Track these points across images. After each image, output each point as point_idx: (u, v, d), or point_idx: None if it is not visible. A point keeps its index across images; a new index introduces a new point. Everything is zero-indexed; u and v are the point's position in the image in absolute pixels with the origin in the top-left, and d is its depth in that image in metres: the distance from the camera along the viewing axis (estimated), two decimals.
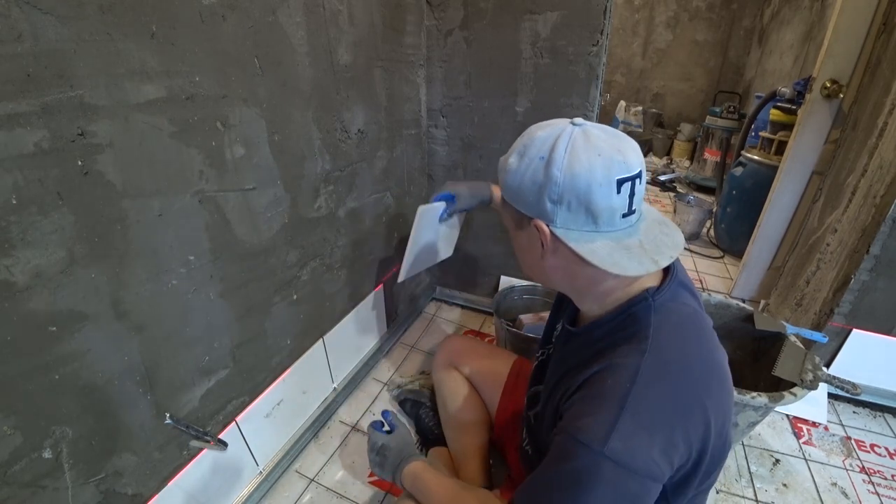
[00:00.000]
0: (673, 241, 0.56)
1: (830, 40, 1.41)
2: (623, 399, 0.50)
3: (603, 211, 0.52)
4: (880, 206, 1.15)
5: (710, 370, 0.55)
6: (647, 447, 0.49)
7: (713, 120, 3.20)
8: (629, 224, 0.55)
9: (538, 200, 0.54)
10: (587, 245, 0.53)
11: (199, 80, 0.69)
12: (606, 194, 0.51)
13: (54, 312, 0.57)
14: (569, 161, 0.51)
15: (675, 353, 0.53)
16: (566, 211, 0.53)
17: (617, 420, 0.49)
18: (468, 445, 1.02)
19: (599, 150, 0.51)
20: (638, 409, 0.49)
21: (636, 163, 0.53)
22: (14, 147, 0.50)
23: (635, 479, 0.48)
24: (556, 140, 0.53)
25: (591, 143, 0.52)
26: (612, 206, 0.52)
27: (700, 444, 0.52)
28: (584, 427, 0.50)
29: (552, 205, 0.53)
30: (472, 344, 1.15)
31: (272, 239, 0.91)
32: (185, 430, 0.78)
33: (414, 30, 1.28)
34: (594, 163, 0.51)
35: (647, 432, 0.49)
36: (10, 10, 0.47)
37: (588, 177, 0.51)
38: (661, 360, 0.52)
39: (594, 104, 1.25)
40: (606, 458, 0.48)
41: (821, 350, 1.32)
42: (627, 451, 0.48)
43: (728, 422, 0.56)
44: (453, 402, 1.08)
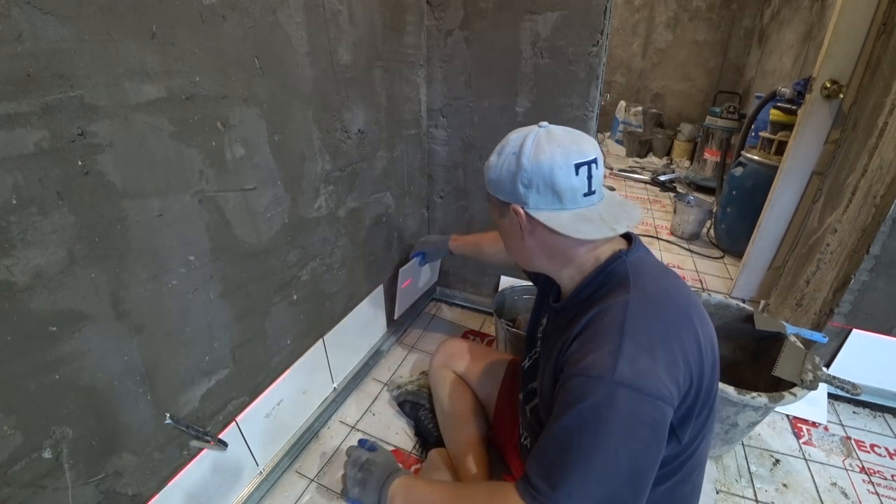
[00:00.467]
0: (630, 214, 0.65)
1: (830, 40, 1.41)
2: (620, 328, 0.56)
3: (566, 190, 0.62)
4: (880, 207, 1.15)
5: (688, 301, 0.63)
6: (653, 367, 0.53)
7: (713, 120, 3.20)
8: (591, 202, 0.65)
9: (513, 187, 0.65)
10: (555, 218, 0.63)
11: (199, 80, 0.69)
12: (567, 176, 0.62)
13: (54, 312, 0.57)
14: (534, 151, 0.62)
15: (656, 288, 0.62)
16: (536, 193, 0.63)
17: (620, 347, 0.54)
18: (466, 446, 1.02)
19: (559, 142, 0.62)
20: (636, 334, 0.55)
21: (591, 151, 0.63)
22: (14, 147, 0.50)
23: (649, 402, 0.52)
24: (525, 138, 0.64)
25: (553, 137, 0.63)
26: (573, 186, 0.62)
27: (697, 365, 0.58)
28: (591, 363, 0.55)
29: (524, 189, 0.64)
30: (468, 346, 1.16)
31: (272, 239, 0.91)
32: (186, 430, 0.78)
33: (414, 30, 1.28)
34: (555, 151, 0.61)
35: (648, 353, 0.54)
36: (10, 10, 0.47)
37: (550, 162, 0.61)
38: (646, 295, 0.60)
39: (594, 104, 1.25)
40: (619, 384, 0.52)
41: (821, 350, 1.32)
42: (636, 374, 0.52)
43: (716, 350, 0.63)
44: (450, 404, 1.08)
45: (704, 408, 0.61)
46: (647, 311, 0.58)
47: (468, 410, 1.07)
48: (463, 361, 1.12)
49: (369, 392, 1.36)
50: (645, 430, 0.53)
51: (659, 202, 3.14)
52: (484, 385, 1.09)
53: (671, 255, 2.34)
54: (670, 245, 2.46)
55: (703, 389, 0.59)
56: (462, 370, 1.11)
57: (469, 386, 1.11)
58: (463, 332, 1.66)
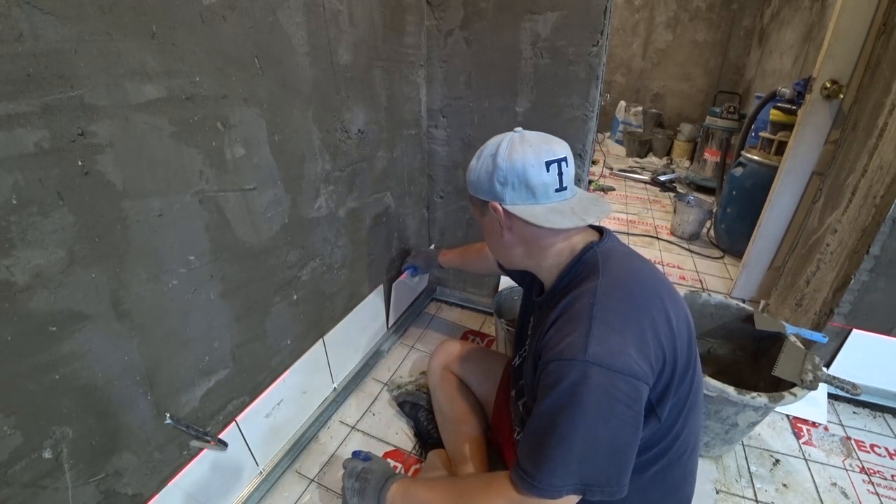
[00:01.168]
0: (600, 208, 0.70)
1: (830, 40, 1.41)
2: (590, 311, 0.59)
3: (538, 186, 0.67)
4: (880, 207, 1.15)
5: (658, 282, 0.67)
6: (623, 345, 0.56)
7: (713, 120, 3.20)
8: (563, 197, 0.70)
9: (490, 185, 0.70)
10: (529, 211, 0.68)
11: (199, 80, 0.69)
12: (538, 173, 0.67)
13: (54, 312, 0.57)
14: (508, 152, 0.68)
15: (625, 272, 0.65)
16: (511, 189, 0.68)
17: (590, 329, 0.57)
18: (465, 446, 1.02)
19: (531, 143, 0.68)
20: (605, 316, 0.58)
21: (561, 151, 0.68)
22: (14, 147, 0.50)
23: (622, 379, 0.55)
24: (501, 141, 0.70)
25: (525, 139, 0.69)
26: (544, 182, 0.67)
27: (669, 343, 0.60)
28: (565, 347, 0.58)
29: (500, 186, 0.69)
30: (467, 347, 1.16)
31: (272, 239, 0.91)
32: (186, 430, 0.78)
33: (414, 30, 1.28)
34: (527, 151, 0.67)
35: (618, 333, 0.57)
36: (10, 10, 0.47)
37: (523, 160, 0.67)
38: (614, 279, 0.63)
39: (594, 104, 1.25)
40: (591, 363, 0.55)
41: (821, 350, 1.32)
42: (607, 353, 0.55)
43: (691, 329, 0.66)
44: (449, 405, 1.08)
45: (682, 384, 0.63)
46: (615, 293, 0.61)
47: (467, 411, 1.07)
48: (461, 362, 1.12)
49: (369, 392, 1.36)
50: (621, 407, 0.55)
51: (659, 202, 3.14)
52: (482, 385, 1.10)
53: (671, 256, 2.34)
54: (670, 245, 2.46)
55: (678, 366, 0.61)
56: (460, 371, 1.12)
57: (468, 386, 1.12)
58: (463, 332, 1.66)
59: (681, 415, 0.65)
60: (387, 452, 1.16)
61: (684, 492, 0.74)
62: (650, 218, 2.83)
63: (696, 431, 0.71)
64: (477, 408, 1.09)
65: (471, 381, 1.11)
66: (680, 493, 0.74)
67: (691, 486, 0.75)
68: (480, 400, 1.10)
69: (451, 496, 0.71)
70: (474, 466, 1.00)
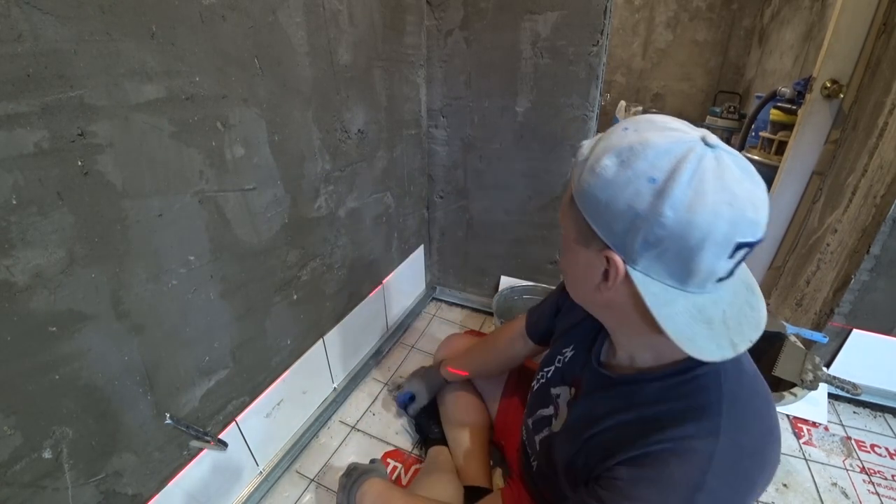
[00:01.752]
0: (757, 317, 0.45)
1: (830, 40, 1.41)
2: (692, 495, 0.43)
3: (701, 272, 0.41)
4: (880, 207, 1.15)
5: (776, 449, 0.48)
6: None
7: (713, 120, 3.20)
8: (717, 290, 0.44)
9: (627, 232, 0.42)
10: (665, 308, 0.42)
11: (199, 80, 0.69)
12: (716, 256, 0.40)
13: (54, 312, 0.57)
14: (691, 199, 0.38)
15: (750, 435, 0.46)
16: (657, 258, 0.41)
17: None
18: (469, 445, 1.02)
19: (734, 195, 0.38)
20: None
21: (765, 223, 0.40)
22: (14, 147, 0.50)
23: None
24: (680, 163, 0.39)
25: (725, 181, 0.38)
26: (714, 271, 0.41)
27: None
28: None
29: (644, 245, 0.41)
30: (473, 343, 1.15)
31: (272, 239, 0.91)
32: (186, 431, 0.78)
33: (414, 30, 1.28)
34: (721, 213, 0.38)
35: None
36: (10, 10, 0.47)
37: (708, 227, 0.38)
38: (736, 446, 0.45)
39: (594, 104, 1.25)
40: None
41: (821, 350, 1.31)
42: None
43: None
44: (454, 402, 1.08)
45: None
46: (733, 474, 0.44)
47: (471, 408, 1.07)
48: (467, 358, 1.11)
49: (369, 392, 1.36)
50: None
51: None
52: (488, 383, 1.09)
53: None
54: None
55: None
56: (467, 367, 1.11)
57: (473, 385, 1.11)
58: (463, 332, 1.66)
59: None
60: (387, 452, 1.16)
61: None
62: None
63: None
64: (481, 405, 1.09)
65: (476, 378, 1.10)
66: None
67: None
68: (485, 398, 1.10)
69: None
70: (477, 465, 1.00)
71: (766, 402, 0.50)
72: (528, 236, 1.53)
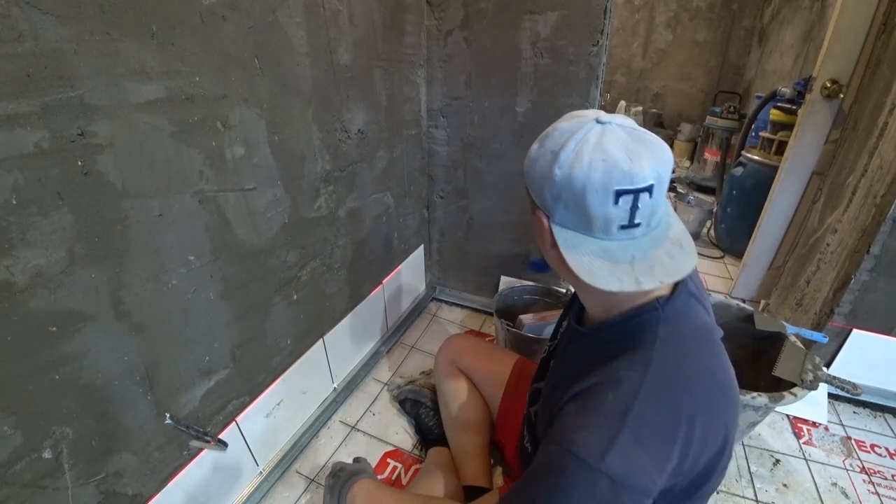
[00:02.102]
0: (675, 266, 0.50)
1: (830, 40, 1.41)
2: (623, 416, 0.48)
3: (597, 218, 0.50)
4: (880, 206, 1.15)
5: (713, 388, 0.53)
6: (646, 464, 0.48)
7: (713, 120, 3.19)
8: (629, 237, 0.52)
9: (542, 193, 0.54)
10: (572, 248, 0.52)
11: (199, 80, 0.69)
12: (601, 202, 0.49)
13: (54, 312, 0.57)
14: (572, 160, 0.50)
15: (679, 369, 0.52)
16: (564, 209, 0.52)
17: (616, 437, 0.48)
18: (469, 445, 1.02)
19: (606, 154, 0.48)
20: (638, 427, 0.48)
21: (646, 174, 0.48)
22: (14, 147, 0.50)
23: (630, 496, 0.48)
24: (571, 136, 0.51)
25: (603, 145, 0.49)
26: (606, 216, 0.50)
27: (695, 459, 0.51)
28: (580, 441, 0.49)
29: (552, 200, 0.53)
30: (475, 343, 1.15)
31: (272, 239, 0.91)
32: (186, 431, 0.78)
33: (414, 30, 1.28)
34: (595, 167, 0.48)
35: (645, 450, 0.48)
36: (10, 10, 0.47)
37: (584, 180, 0.49)
38: (664, 377, 0.51)
39: (594, 104, 1.25)
40: (603, 474, 0.47)
41: (821, 350, 1.31)
42: (626, 469, 0.47)
43: (729, 439, 0.55)
44: (455, 402, 1.08)
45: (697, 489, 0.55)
46: (659, 400, 0.50)
47: (472, 408, 1.07)
48: (469, 358, 1.10)
49: (369, 392, 1.36)
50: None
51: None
52: (489, 383, 1.09)
53: None
54: None
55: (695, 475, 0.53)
56: (468, 367, 1.10)
57: (474, 383, 1.11)
58: (463, 332, 1.66)
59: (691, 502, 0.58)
60: (387, 452, 1.16)
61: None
62: None
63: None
64: (482, 405, 1.09)
65: (478, 378, 1.09)
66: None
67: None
68: (486, 397, 1.09)
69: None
70: (477, 465, 1.00)
71: (709, 349, 0.56)
72: (528, 236, 1.53)
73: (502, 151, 1.42)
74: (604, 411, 0.50)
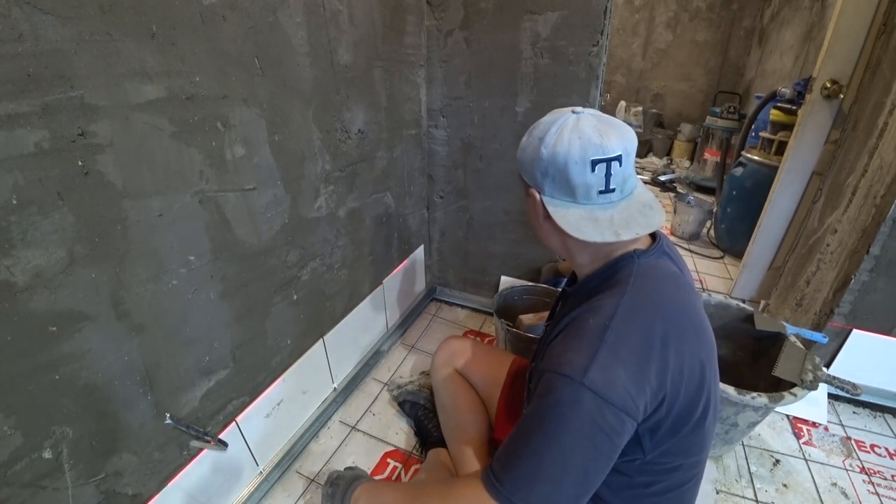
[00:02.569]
0: (647, 221, 0.62)
1: (830, 40, 1.41)
2: (602, 334, 0.55)
3: (578, 186, 0.61)
4: (880, 207, 1.15)
5: (685, 316, 0.60)
6: (624, 379, 0.53)
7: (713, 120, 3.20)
8: (608, 201, 0.62)
9: (533, 172, 0.64)
10: (562, 212, 0.62)
11: (199, 80, 0.69)
12: (581, 171, 0.60)
13: (54, 312, 0.57)
14: (555, 141, 0.61)
15: (652, 297, 0.60)
16: (551, 183, 0.63)
17: (596, 353, 0.54)
18: (466, 445, 1.02)
19: (581, 133, 0.60)
20: (616, 344, 0.55)
21: (615, 147, 0.59)
22: (14, 147, 0.50)
23: (612, 411, 0.53)
24: (552, 124, 0.62)
25: (578, 127, 0.61)
26: (587, 183, 0.60)
27: (674, 385, 0.56)
28: (565, 362, 0.55)
29: (541, 176, 0.63)
30: (471, 345, 1.15)
31: (272, 239, 0.91)
32: (186, 431, 0.78)
33: (414, 30, 1.28)
34: (573, 144, 0.59)
35: (623, 365, 0.54)
36: (10, 10, 0.47)
37: (566, 155, 0.60)
38: (638, 302, 0.58)
39: (594, 104, 1.25)
40: (586, 387, 0.52)
41: (821, 350, 1.32)
42: (606, 382, 0.53)
43: (707, 377, 0.60)
44: (452, 403, 1.08)
45: (683, 423, 0.59)
46: (633, 323, 0.57)
47: (470, 409, 1.07)
48: (466, 359, 1.11)
49: (369, 392, 1.36)
50: (602, 438, 0.53)
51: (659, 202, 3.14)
52: (486, 384, 1.09)
53: None
54: None
55: (676, 408, 0.57)
56: (465, 368, 1.11)
57: (471, 384, 1.11)
58: (463, 332, 1.66)
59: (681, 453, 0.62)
60: (387, 452, 1.16)
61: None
62: None
63: (700, 464, 0.68)
64: (480, 406, 1.09)
65: (475, 379, 1.10)
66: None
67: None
68: (484, 398, 1.10)
69: (415, 495, 0.72)
70: (475, 466, 0.99)
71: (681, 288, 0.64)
72: (528, 236, 1.53)
73: (502, 151, 1.42)
74: (585, 334, 0.57)
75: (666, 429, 0.58)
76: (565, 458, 0.54)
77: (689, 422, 0.59)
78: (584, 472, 0.55)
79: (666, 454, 0.60)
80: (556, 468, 0.54)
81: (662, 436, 0.58)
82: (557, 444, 0.54)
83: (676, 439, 0.59)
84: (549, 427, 0.54)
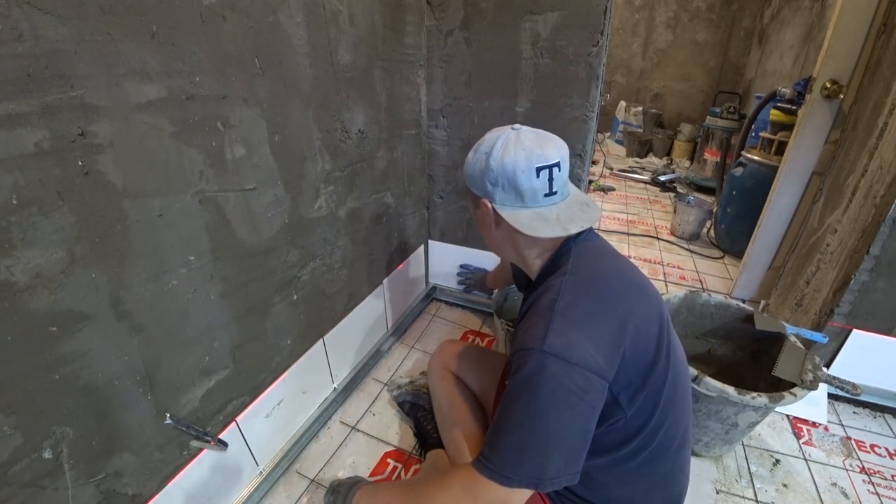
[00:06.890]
0: (588, 216, 0.72)
1: (830, 40, 1.41)
2: (552, 306, 0.62)
3: (527, 191, 0.69)
4: (880, 207, 1.15)
5: (625, 278, 0.70)
6: (580, 340, 0.59)
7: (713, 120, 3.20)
8: (552, 202, 0.71)
9: (483, 183, 0.72)
10: (515, 216, 0.70)
11: (199, 80, 0.69)
12: (528, 178, 0.68)
13: (54, 312, 0.57)
14: (501, 153, 0.69)
15: (591, 269, 0.69)
16: (501, 191, 0.70)
17: (550, 322, 0.60)
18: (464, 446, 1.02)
19: (524, 145, 0.68)
20: (566, 312, 0.62)
21: (554, 155, 0.69)
22: (14, 147, 0.50)
23: (577, 371, 0.58)
24: (496, 140, 0.71)
25: (520, 141, 0.69)
26: (533, 188, 0.69)
27: (632, 340, 0.62)
28: (527, 337, 0.61)
29: (491, 186, 0.71)
30: (467, 348, 1.16)
31: (272, 239, 0.91)
32: (186, 430, 0.78)
33: (414, 30, 1.28)
34: (518, 155, 0.68)
35: (576, 327, 0.60)
36: (10, 10, 0.47)
37: (514, 164, 0.68)
38: (581, 276, 0.67)
39: (594, 104, 1.25)
40: (547, 353, 0.58)
41: (821, 350, 1.32)
42: (564, 345, 0.58)
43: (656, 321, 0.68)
44: (448, 405, 1.08)
45: (650, 379, 0.65)
46: (578, 290, 0.64)
47: (466, 411, 1.07)
48: (461, 362, 1.12)
49: (369, 392, 1.36)
50: (574, 399, 0.58)
51: (659, 202, 3.14)
52: (482, 385, 1.09)
53: (671, 256, 2.34)
54: (670, 245, 2.46)
55: (640, 362, 0.64)
56: (460, 371, 1.12)
57: (467, 387, 1.11)
58: (463, 332, 1.66)
59: (657, 409, 0.66)
60: (387, 452, 1.16)
61: (674, 487, 0.75)
62: (650, 218, 2.83)
63: (680, 425, 0.72)
64: (476, 408, 1.09)
65: (470, 381, 1.11)
66: (669, 489, 0.74)
67: (682, 483, 0.76)
68: (480, 400, 1.10)
69: (410, 489, 0.74)
70: None
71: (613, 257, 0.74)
72: None
73: None
74: (539, 311, 0.64)
75: (636, 384, 0.64)
76: (545, 424, 0.58)
77: (654, 370, 0.65)
78: (567, 437, 0.58)
79: (642, 411, 0.65)
80: (539, 436, 0.58)
81: (636, 391, 0.64)
82: (536, 412, 0.58)
83: (648, 393, 0.65)
84: (525, 398, 0.59)
